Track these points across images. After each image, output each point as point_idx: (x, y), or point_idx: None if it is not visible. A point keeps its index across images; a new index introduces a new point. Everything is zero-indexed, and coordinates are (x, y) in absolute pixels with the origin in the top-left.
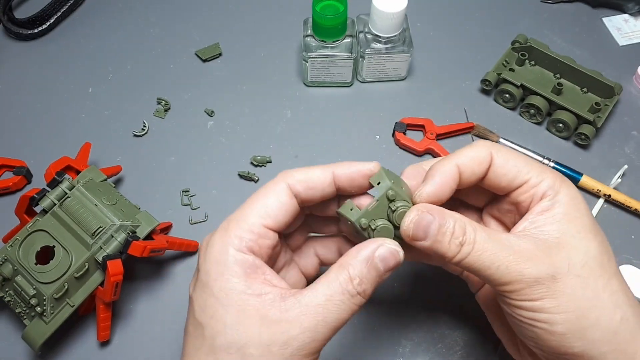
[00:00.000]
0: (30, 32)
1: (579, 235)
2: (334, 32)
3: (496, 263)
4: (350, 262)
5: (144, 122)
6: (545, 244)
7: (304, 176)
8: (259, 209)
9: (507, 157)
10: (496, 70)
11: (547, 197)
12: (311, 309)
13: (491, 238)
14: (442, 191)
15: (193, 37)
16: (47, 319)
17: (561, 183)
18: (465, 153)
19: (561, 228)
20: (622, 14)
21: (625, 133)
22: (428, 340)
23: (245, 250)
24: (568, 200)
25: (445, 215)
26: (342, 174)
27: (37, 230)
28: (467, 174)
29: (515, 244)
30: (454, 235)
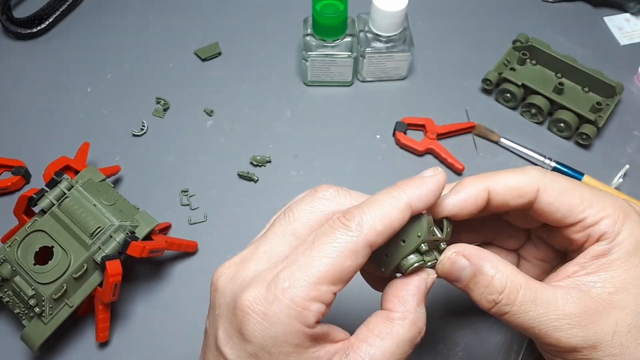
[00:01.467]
0: (29, 31)
1: (634, 290)
2: (334, 31)
3: (536, 327)
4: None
5: (142, 122)
6: (594, 306)
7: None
8: (331, 273)
9: (560, 193)
10: (497, 69)
11: (605, 240)
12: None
13: (535, 299)
14: (461, 208)
15: (192, 36)
16: (46, 319)
17: (625, 220)
18: (504, 179)
19: (615, 279)
20: (623, 13)
21: (626, 133)
22: (429, 341)
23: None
24: (630, 243)
25: (483, 265)
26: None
27: (35, 231)
28: (497, 202)
29: (563, 306)
30: (487, 290)
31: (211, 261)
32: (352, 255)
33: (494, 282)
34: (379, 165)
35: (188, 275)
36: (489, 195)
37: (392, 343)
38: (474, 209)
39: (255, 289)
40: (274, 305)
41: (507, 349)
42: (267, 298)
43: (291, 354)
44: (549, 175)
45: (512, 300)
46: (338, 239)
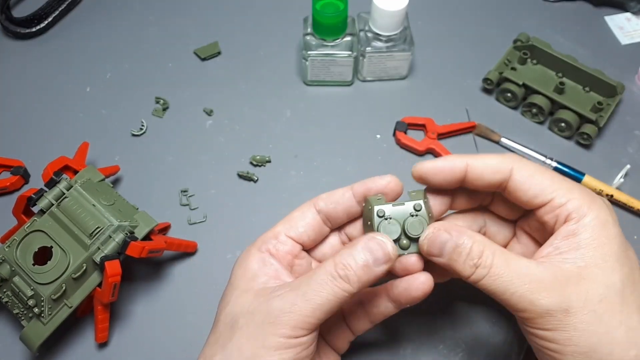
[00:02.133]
0: (28, 30)
1: (604, 264)
2: (334, 31)
3: (510, 289)
4: (340, 251)
5: (142, 122)
6: (565, 275)
7: (326, 194)
8: (284, 222)
9: (532, 173)
10: (498, 69)
11: (572, 220)
12: (295, 286)
13: (509, 264)
14: (436, 174)
15: (192, 36)
16: (45, 320)
17: (590, 204)
18: (483, 157)
19: (585, 256)
20: (624, 12)
21: (627, 132)
22: (429, 342)
23: (265, 251)
24: (596, 224)
25: (463, 235)
26: (359, 186)
27: (34, 231)
28: (474, 176)
29: (534, 272)
30: (469, 256)
31: (211, 261)
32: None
33: (472, 249)
34: (379, 165)
35: (188, 275)
36: (467, 168)
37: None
38: (451, 178)
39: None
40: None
41: (508, 350)
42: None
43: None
44: (523, 160)
45: (489, 263)
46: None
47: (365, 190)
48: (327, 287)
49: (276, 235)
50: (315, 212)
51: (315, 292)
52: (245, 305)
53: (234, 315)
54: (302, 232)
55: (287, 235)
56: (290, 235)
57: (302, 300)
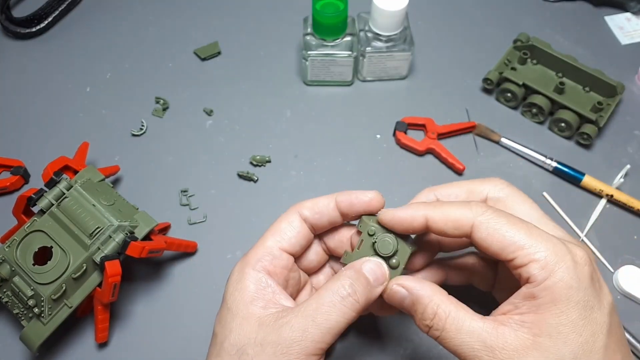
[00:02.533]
0: (28, 30)
1: (557, 335)
2: (334, 31)
3: (460, 353)
4: (342, 271)
5: (142, 122)
6: (515, 342)
7: (311, 203)
8: (274, 234)
9: (493, 231)
10: (498, 69)
11: (533, 283)
12: (302, 312)
13: (460, 328)
14: (398, 223)
15: (192, 36)
16: (45, 320)
17: (557, 263)
18: (446, 210)
19: (542, 323)
20: (624, 12)
21: (627, 132)
22: (429, 342)
23: (261, 270)
24: (558, 288)
25: (419, 295)
26: (343, 200)
27: (34, 231)
28: (436, 229)
29: (485, 338)
30: (423, 316)
31: (211, 261)
32: (285, 220)
33: (426, 310)
34: (379, 165)
35: (188, 275)
36: (428, 222)
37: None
38: (410, 228)
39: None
40: (237, 263)
41: None
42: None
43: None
44: (489, 212)
45: (441, 326)
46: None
47: (348, 205)
48: (336, 309)
49: (269, 250)
50: (302, 221)
51: (325, 315)
52: (251, 336)
53: (241, 346)
54: (294, 242)
55: (280, 248)
56: (283, 248)
57: (312, 325)
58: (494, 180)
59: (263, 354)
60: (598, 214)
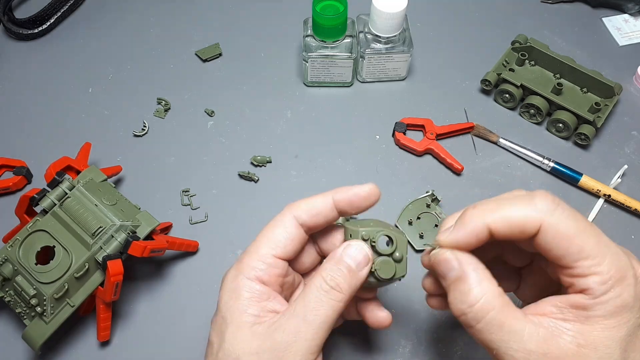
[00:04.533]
0: (31, 32)
1: (604, 349)
2: (334, 32)
3: (496, 349)
4: (323, 264)
5: (144, 122)
6: (557, 351)
7: (306, 205)
8: (268, 240)
9: (561, 237)
10: (496, 70)
11: (589, 296)
12: (291, 314)
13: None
14: (462, 244)
15: (193, 37)
16: (47, 319)
17: (617, 282)
18: (507, 212)
19: (589, 335)
20: (622, 14)
21: (625, 133)
22: (428, 341)
23: (254, 279)
24: (614, 305)
25: (469, 274)
26: (341, 198)
27: (37, 230)
28: (499, 237)
29: (525, 339)
30: (461, 299)
31: (212, 261)
32: (281, 225)
33: (470, 294)
34: (379, 166)
35: (189, 274)
36: (491, 230)
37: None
38: (476, 244)
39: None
40: (230, 270)
41: None
42: (230, 268)
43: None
44: (559, 211)
45: (480, 318)
46: (272, 219)
47: (348, 203)
48: (323, 302)
49: (263, 258)
50: (298, 225)
51: (314, 311)
52: (246, 346)
53: (237, 356)
54: (289, 249)
55: (274, 255)
56: (277, 255)
57: (303, 325)
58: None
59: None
60: (596, 214)
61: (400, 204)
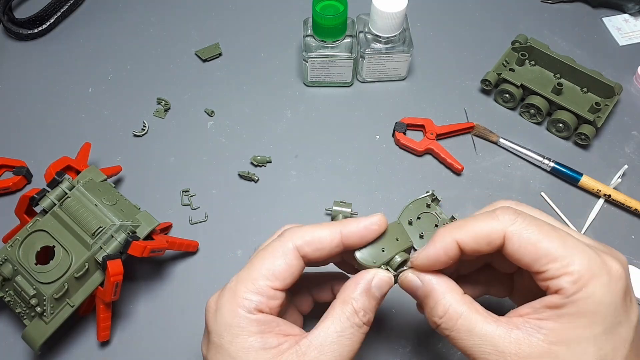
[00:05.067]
0: (30, 32)
1: (576, 346)
2: (334, 32)
3: (471, 354)
4: (352, 295)
5: (144, 122)
6: (529, 349)
7: (311, 237)
8: (266, 270)
9: (526, 243)
10: (496, 70)
11: (561, 295)
12: (326, 347)
13: (472, 330)
14: (434, 261)
15: (193, 37)
16: (47, 319)
17: (589, 280)
18: (472, 227)
19: (561, 332)
20: (622, 13)
21: (625, 133)
22: (428, 340)
23: (254, 311)
24: (587, 304)
25: (433, 287)
26: (352, 233)
27: (37, 230)
28: (469, 250)
29: (497, 342)
30: (432, 312)
31: (212, 260)
32: (281, 255)
33: (437, 307)
34: (379, 166)
35: (189, 274)
36: (461, 247)
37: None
38: (447, 260)
39: (215, 294)
40: (222, 298)
41: None
42: (220, 295)
43: (239, 335)
44: (519, 221)
45: (451, 326)
46: (270, 245)
47: (359, 237)
48: (356, 337)
49: (261, 290)
50: (299, 257)
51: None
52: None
53: None
54: (288, 280)
55: (273, 288)
56: (276, 287)
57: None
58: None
59: None
60: (596, 213)
61: (400, 204)
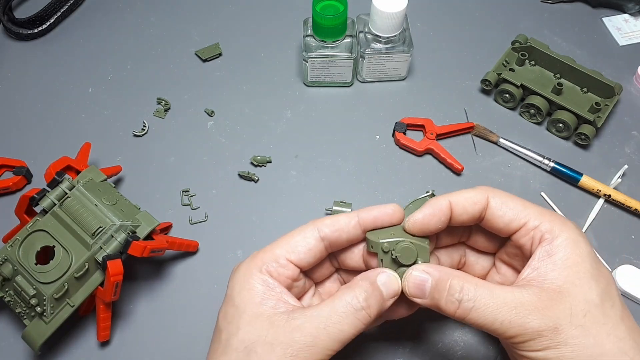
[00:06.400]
0: (30, 32)
1: (579, 282)
2: (334, 32)
3: (499, 318)
4: (357, 282)
5: (144, 122)
6: (547, 294)
7: (331, 220)
8: (285, 244)
9: (504, 200)
10: (496, 70)
11: (546, 241)
12: (315, 318)
13: (493, 294)
14: (430, 221)
15: (193, 37)
16: (47, 319)
17: (561, 227)
18: (461, 193)
19: (562, 275)
20: (622, 13)
21: (625, 133)
22: (428, 341)
23: (266, 273)
24: (568, 245)
25: (442, 273)
26: (366, 217)
27: (37, 230)
28: (459, 210)
29: (518, 297)
30: (450, 292)
31: (212, 261)
32: (301, 233)
33: (452, 284)
34: (379, 166)
35: (189, 274)
36: (451, 206)
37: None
38: (440, 220)
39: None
40: (244, 262)
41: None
42: (242, 261)
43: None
44: (494, 189)
45: (472, 296)
46: (299, 228)
47: (372, 222)
48: (349, 320)
49: (277, 258)
50: (319, 239)
51: (337, 325)
52: (262, 334)
53: (250, 343)
54: (303, 258)
55: (288, 259)
56: (291, 260)
57: (323, 333)
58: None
59: (272, 353)
60: (596, 213)
61: (401, 204)
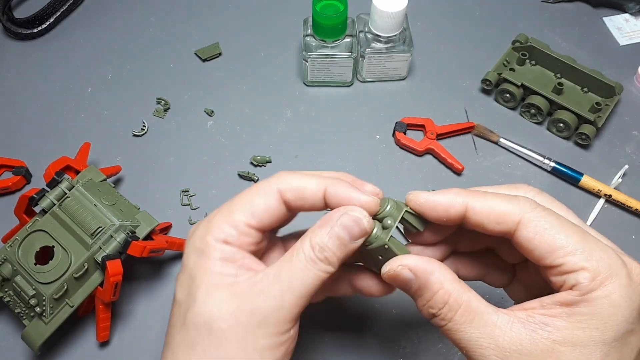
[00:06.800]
0: (30, 31)
1: (582, 349)
2: (334, 32)
3: (466, 347)
4: (313, 230)
5: (143, 122)
6: (530, 346)
7: (297, 184)
8: (245, 207)
9: (543, 231)
10: (497, 70)
11: (577, 292)
12: (276, 278)
13: (472, 321)
14: (431, 209)
15: (193, 37)
16: (47, 319)
17: (607, 279)
18: (488, 201)
19: (570, 332)
20: (622, 13)
21: (626, 133)
22: (428, 341)
23: (222, 242)
24: (602, 304)
25: (429, 279)
26: (334, 195)
27: (36, 231)
28: (474, 221)
29: (497, 335)
30: (429, 304)
31: None
32: (262, 195)
33: (436, 297)
34: (379, 165)
35: None
36: (467, 212)
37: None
38: (443, 215)
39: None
40: (200, 225)
41: None
42: (199, 223)
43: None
44: (539, 209)
45: (450, 317)
46: (256, 184)
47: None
48: (310, 272)
49: (236, 224)
50: (280, 200)
51: (300, 280)
52: (223, 306)
53: (209, 317)
54: (265, 221)
55: (248, 224)
56: (252, 225)
57: (288, 292)
58: (524, 187)
59: (238, 326)
60: (596, 214)
61: None
